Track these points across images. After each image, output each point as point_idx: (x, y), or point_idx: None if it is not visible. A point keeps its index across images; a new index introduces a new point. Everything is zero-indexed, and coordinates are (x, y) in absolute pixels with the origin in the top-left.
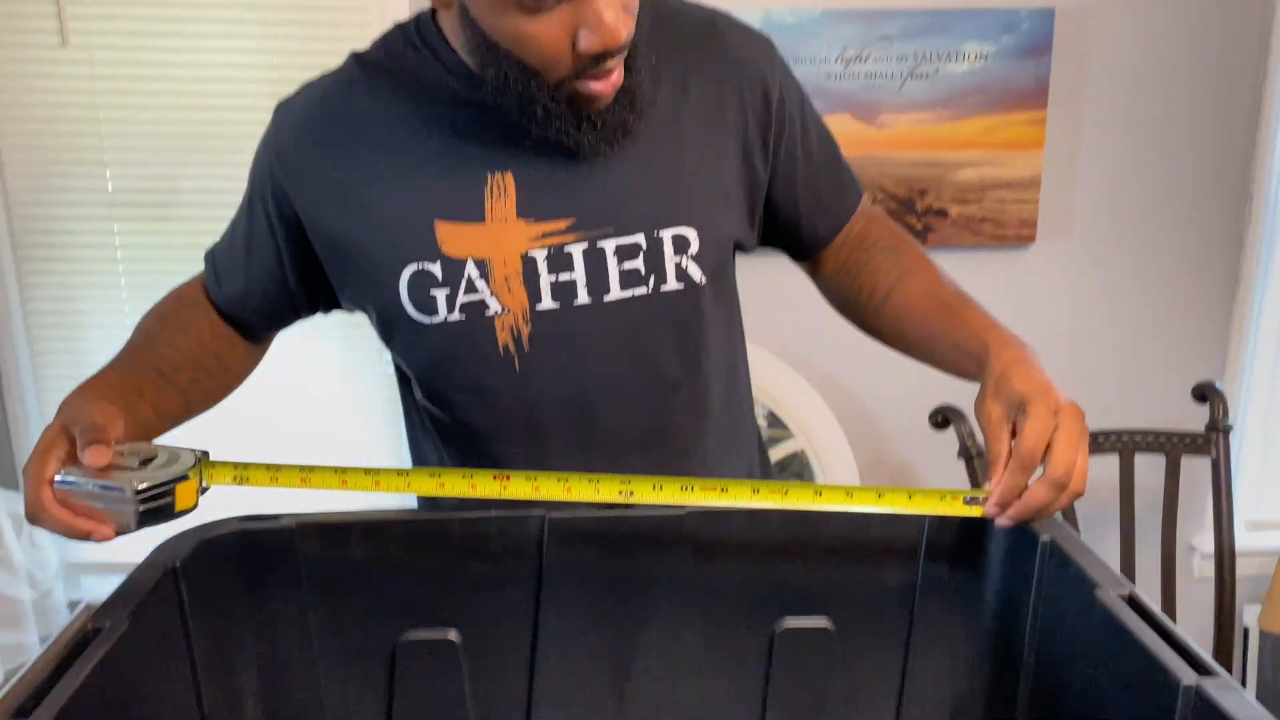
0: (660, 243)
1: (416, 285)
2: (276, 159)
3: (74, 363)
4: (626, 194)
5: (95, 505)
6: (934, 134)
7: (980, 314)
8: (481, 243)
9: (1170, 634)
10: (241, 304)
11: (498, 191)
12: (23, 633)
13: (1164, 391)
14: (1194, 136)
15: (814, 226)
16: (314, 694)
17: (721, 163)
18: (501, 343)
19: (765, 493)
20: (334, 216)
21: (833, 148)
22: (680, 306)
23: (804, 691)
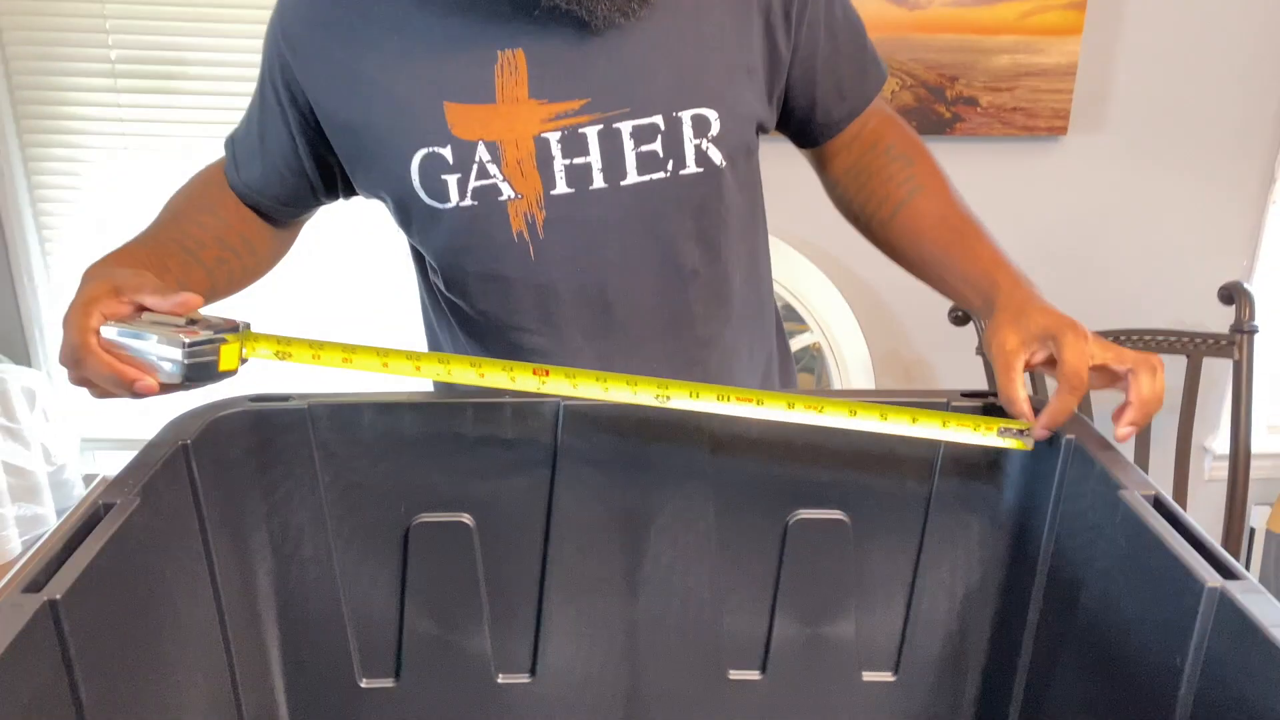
0: (679, 124)
1: (428, 170)
2: (284, 41)
3: (82, 237)
4: (643, 72)
5: (141, 358)
6: (968, 17)
7: (990, 246)
8: (493, 124)
9: (1195, 536)
10: (260, 190)
11: (509, 69)
12: (39, 505)
13: (1190, 291)
14: (1236, 32)
15: (829, 110)
16: (327, 574)
17: (744, 38)
18: (515, 229)
19: (801, 406)
20: (343, 100)
21: (858, 28)
22: (699, 191)
23: (815, 581)
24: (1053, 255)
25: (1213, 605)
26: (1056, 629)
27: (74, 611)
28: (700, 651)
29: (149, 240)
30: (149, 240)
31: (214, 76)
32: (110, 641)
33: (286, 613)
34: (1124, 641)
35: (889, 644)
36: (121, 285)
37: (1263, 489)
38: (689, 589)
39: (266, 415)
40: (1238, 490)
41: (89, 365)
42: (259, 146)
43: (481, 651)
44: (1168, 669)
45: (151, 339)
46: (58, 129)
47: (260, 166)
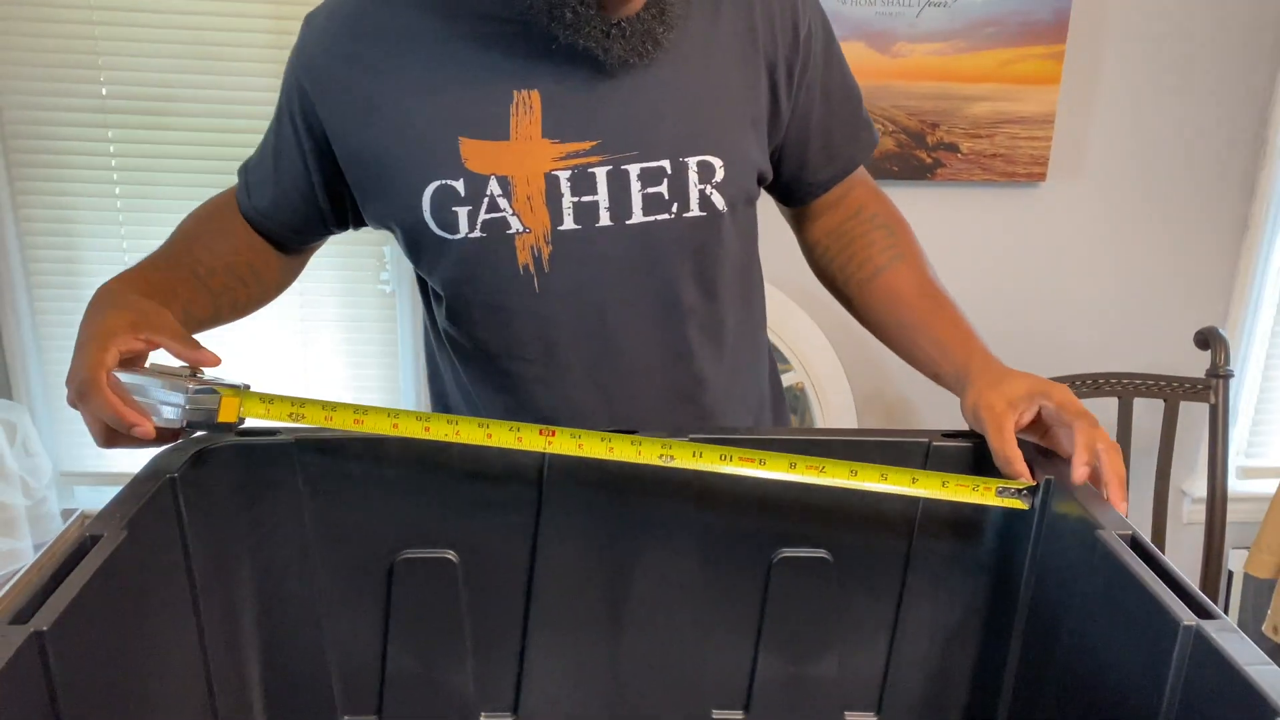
0: (685, 169)
1: (439, 201)
2: (304, 72)
3: (68, 271)
4: (653, 118)
5: (144, 401)
6: (948, 65)
7: (966, 322)
8: (505, 160)
9: (1172, 576)
10: (271, 218)
11: (523, 109)
12: (17, 539)
13: (1166, 336)
14: (1212, 80)
15: (817, 170)
16: (311, 608)
17: (751, 91)
18: (522, 262)
19: (802, 468)
20: (359, 130)
21: (854, 93)
22: (700, 233)
23: (798, 619)
24: (1031, 299)
25: (1189, 644)
26: (1037, 668)
27: (60, 643)
28: (684, 690)
29: (162, 262)
30: (162, 262)
31: (205, 113)
32: (95, 674)
33: (269, 647)
34: (1103, 680)
35: (871, 683)
36: (140, 322)
37: (1240, 532)
38: (673, 627)
39: (253, 450)
40: (1215, 533)
41: (93, 400)
42: (272, 173)
43: (464, 689)
44: (1146, 707)
45: (156, 382)
46: (47, 163)
47: (272, 193)
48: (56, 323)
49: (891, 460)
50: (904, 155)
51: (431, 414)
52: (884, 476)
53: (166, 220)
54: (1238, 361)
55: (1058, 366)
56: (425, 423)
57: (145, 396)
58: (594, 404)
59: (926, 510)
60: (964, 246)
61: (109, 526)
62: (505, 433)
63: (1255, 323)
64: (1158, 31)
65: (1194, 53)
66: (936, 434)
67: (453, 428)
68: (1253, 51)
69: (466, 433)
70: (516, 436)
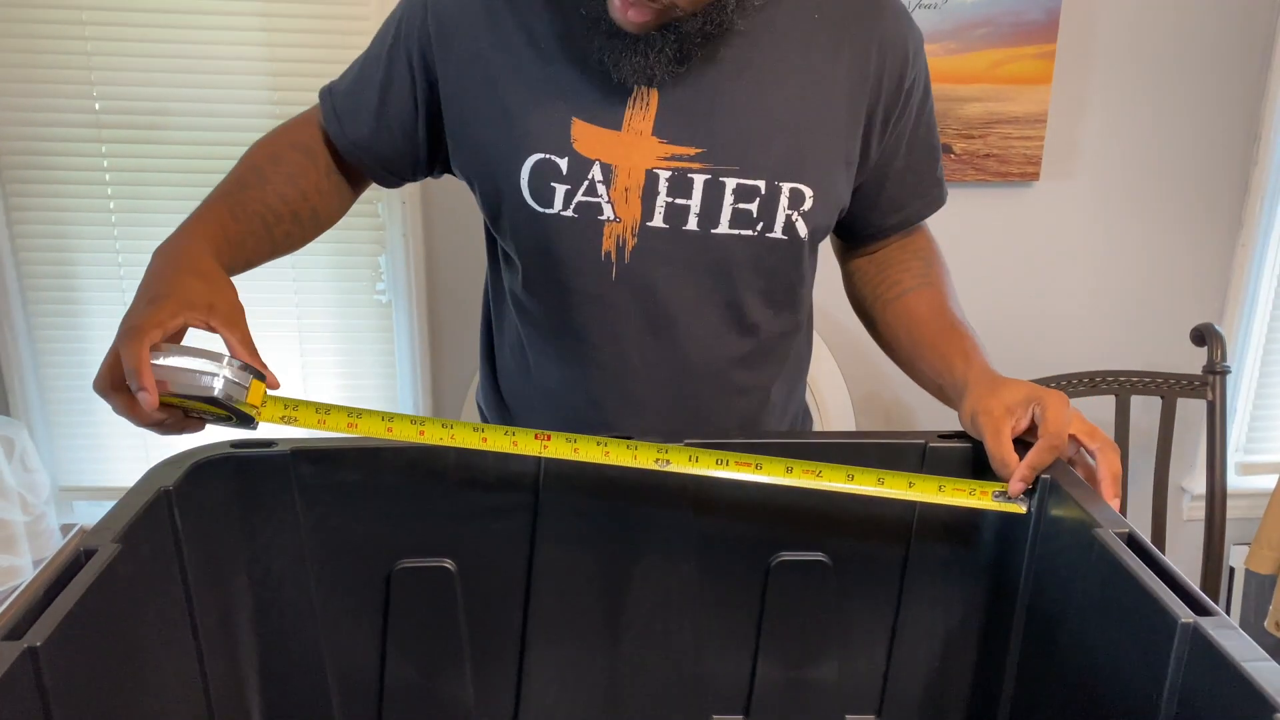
0: (778, 192)
1: (538, 174)
2: (434, 18)
3: (63, 285)
4: (760, 139)
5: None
6: (940, 67)
7: (974, 341)
8: (612, 149)
9: (1168, 573)
10: (368, 149)
11: (640, 104)
12: (15, 555)
13: (1162, 333)
14: (1203, 77)
15: (884, 217)
16: (308, 619)
17: (852, 131)
18: (605, 249)
19: (799, 472)
20: (475, 90)
21: (935, 151)
22: (778, 256)
23: (798, 623)
24: (1027, 298)
25: (1187, 641)
26: (1036, 666)
27: (54, 659)
28: (683, 696)
29: (239, 211)
30: (239, 211)
31: (199, 126)
32: (90, 689)
33: (267, 659)
34: (1102, 678)
35: (872, 685)
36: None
37: (1241, 528)
38: (671, 633)
39: (248, 461)
40: (1215, 529)
41: (130, 345)
42: (375, 106)
43: (463, 697)
44: (1145, 704)
45: (200, 353)
46: (41, 178)
47: (373, 125)
48: (53, 338)
49: (888, 462)
50: None
51: (426, 418)
52: (881, 481)
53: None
54: (1234, 357)
55: (1054, 366)
56: (420, 426)
57: (185, 364)
58: (646, 398)
59: (924, 513)
60: (959, 247)
61: (103, 541)
62: (501, 436)
63: (1251, 318)
64: (1148, 29)
65: (1185, 49)
66: (933, 435)
67: (448, 432)
68: (1244, 47)
69: (461, 437)
70: (512, 441)
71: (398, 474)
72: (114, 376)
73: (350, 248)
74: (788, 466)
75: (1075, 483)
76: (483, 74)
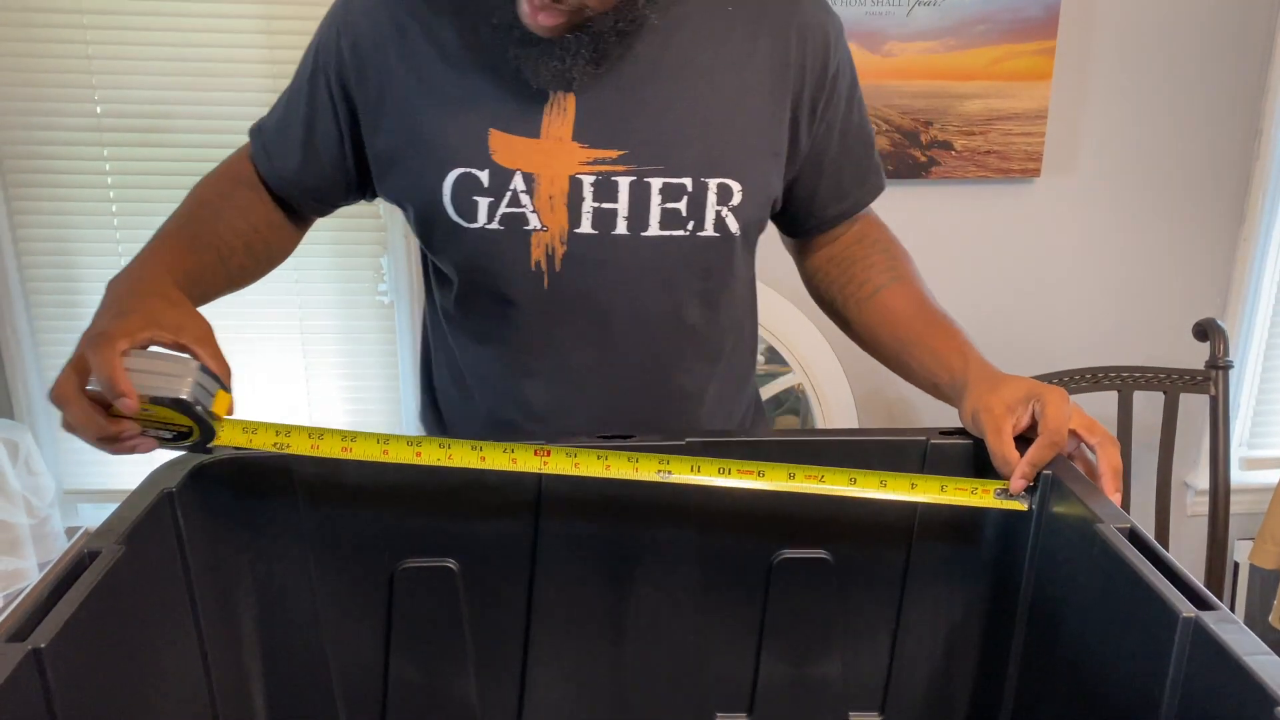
0: (705, 189)
1: (460, 189)
2: (347, 45)
3: (66, 289)
4: (682, 136)
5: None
6: (940, 64)
7: (962, 334)
8: (533, 158)
9: (1170, 567)
10: (296, 181)
11: (557, 110)
12: (21, 558)
13: (1164, 329)
14: (1204, 72)
15: (825, 207)
16: (312, 620)
17: (776, 123)
18: (535, 259)
19: (801, 478)
20: (392, 111)
21: (869, 137)
22: (711, 254)
23: (800, 621)
24: (1029, 294)
25: (1188, 635)
26: (1039, 662)
27: (58, 661)
28: (687, 694)
29: (189, 241)
30: (189, 241)
31: (200, 129)
32: (94, 691)
33: (271, 660)
34: (1105, 673)
35: (875, 682)
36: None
37: (1244, 523)
38: (674, 631)
39: (251, 462)
40: (1219, 525)
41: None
42: (302, 137)
43: (467, 698)
44: (1147, 699)
45: (165, 356)
46: (43, 182)
47: (300, 157)
48: (56, 341)
49: (890, 459)
50: (898, 154)
51: (423, 438)
52: (883, 484)
53: None
54: (1237, 352)
55: (1056, 362)
56: (416, 448)
57: (155, 366)
58: (587, 405)
59: (926, 510)
60: (961, 243)
61: (106, 542)
62: (499, 454)
63: (1254, 313)
64: (1148, 24)
65: (1185, 44)
66: (934, 432)
67: (445, 452)
68: (1244, 41)
69: (459, 456)
70: (511, 458)
71: (399, 474)
72: (77, 383)
73: (352, 249)
74: (790, 473)
75: (1077, 478)
76: (398, 95)
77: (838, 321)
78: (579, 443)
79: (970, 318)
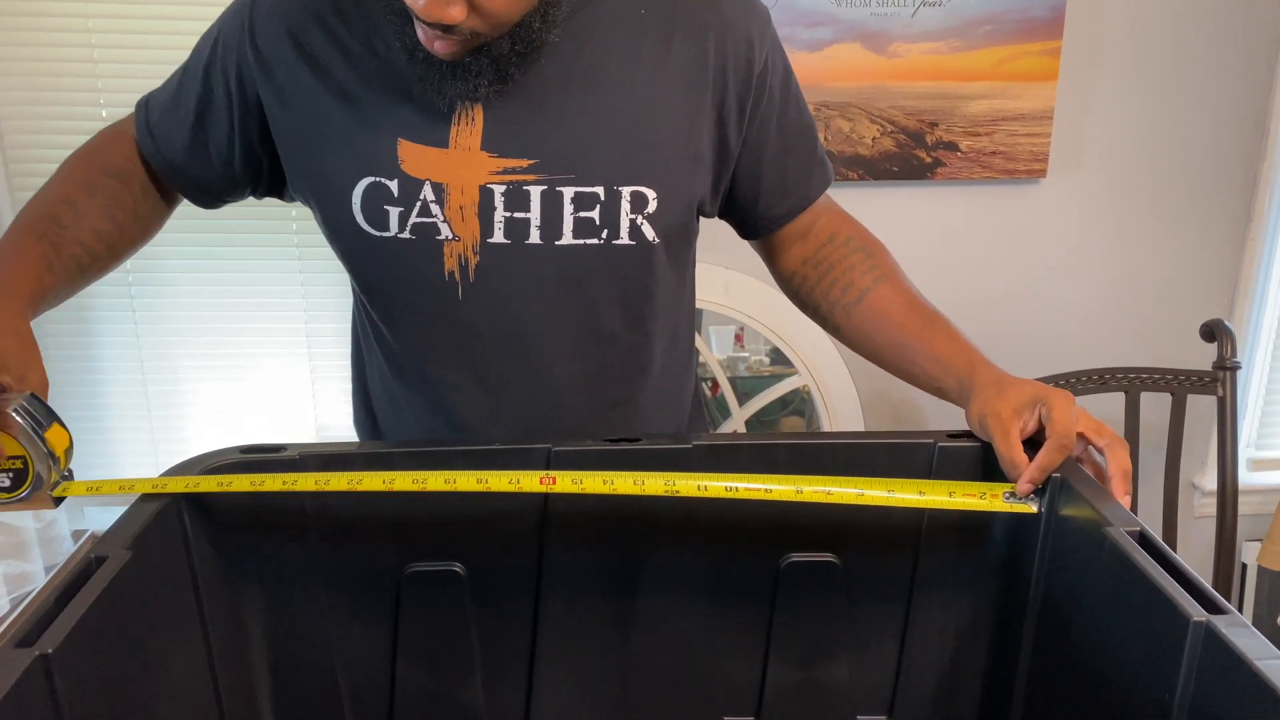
0: (618, 197)
1: (370, 198)
2: (251, 44)
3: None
4: (592, 144)
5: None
6: (945, 64)
7: (959, 334)
8: (442, 168)
9: (1180, 571)
10: (180, 170)
11: (465, 120)
12: (27, 561)
13: (1172, 330)
14: (1211, 71)
15: (771, 205)
16: (319, 624)
17: (695, 124)
18: (448, 269)
19: (809, 492)
20: (301, 117)
21: (809, 129)
22: (628, 262)
23: (808, 624)
24: (1035, 296)
25: (1199, 640)
26: (1048, 666)
27: (66, 666)
28: (694, 698)
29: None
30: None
31: None
32: (102, 696)
33: (278, 664)
34: (1114, 678)
35: (883, 685)
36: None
37: (1252, 525)
38: (681, 635)
39: (258, 466)
40: (1227, 526)
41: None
42: (191, 128)
43: (474, 701)
44: (1157, 704)
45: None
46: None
47: (188, 144)
48: (61, 344)
49: (898, 461)
50: (904, 155)
51: (428, 473)
52: (890, 492)
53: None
54: (1245, 353)
55: (1063, 363)
56: (422, 484)
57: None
58: (514, 419)
59: (934, 512)
60: (967, 245)
61: (113, 547)
62: (503, 483)
63: (1261, 314)
64: (1154, 23)
65: (1192, 43)
66: (942, 434)
67: (450, 484)
68: (1251, 40)
69: (463, 483)
70: (515, 487)
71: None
72: None
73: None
74: (798, 487)
75: (1086, 481)
76: (307, 101)
77: (826, 327)
78: (584, 445)
79: (976, 319)
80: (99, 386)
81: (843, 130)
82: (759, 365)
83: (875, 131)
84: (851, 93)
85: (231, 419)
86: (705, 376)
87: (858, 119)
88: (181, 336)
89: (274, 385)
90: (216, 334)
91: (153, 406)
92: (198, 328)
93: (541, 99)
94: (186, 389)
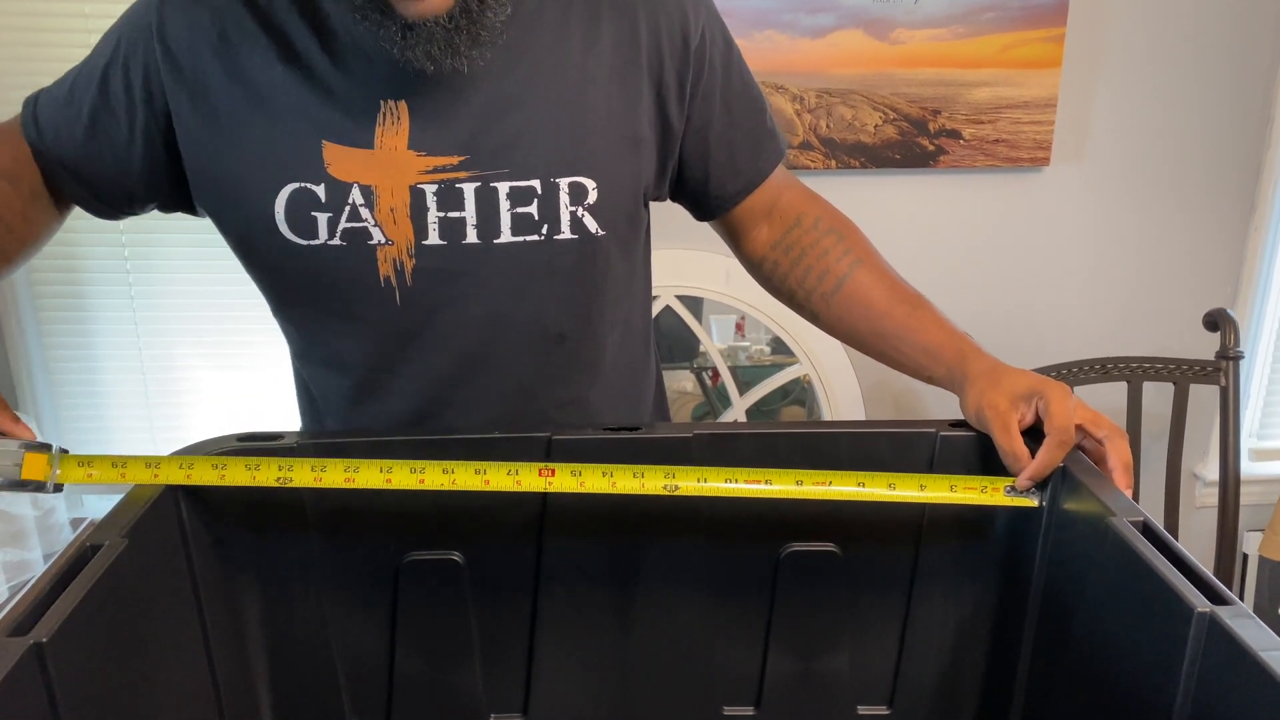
0: (556, 190)
1: (295, 205)
2: (160, 47)
3: (71, 280)
4: (524, 136)
5: None
6: (948, 51)
7: (944, 318)
8: (370, 170)
9: (1184, 561)
10: (71, 171)
11: (390, 119)
12: (26, 549)
13: (1174, 319)
14: (1215, 59)
15: (723, 183)
16: (317, 613)
17: (633, 106)
18: (383, 274)
19: (809, 485)
20: (214, 124)
21: (757, 102)
22: (572, 257)
23: (808, 614)
24: (1038, 284)
25: (1203, 630)
26: (1051, 657)
27: (60, 654)
28: (694, 687)
29: None
30: None
31: None
32: (97, 684)
33: (276, 653)
34: (1117, 668)
35: (883, 676)
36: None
37: (1255, 515)
38: (681, 624)
39: (256, 454)
40: (1229, 516)
41: None
42: (87, 126)
43: (473, 690)
44: (1161, 695)
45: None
46: None
47: (80, 144)
48: (60, 333)
49: (900, 451)
50: (906, 143)
51: (426, 463)
52: (891, 486)
53: (168, 231)
54: (1247, 343)
55: (1065, 352)
56: (420, 475)
57: None
58: (456, 418)
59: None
60: (969, 233)
61: (109, 535)
62: (503, 475)
63: (1264, 303)
64: (1159, 10)
65: (1196, 31)
66: (944, 424)
67: (449, 477)
68: (1255, 28)
69: (463, 480)
70: (515, 480)
71: None
72: None
73: None
74: (798, 480)
75: (1088, 471)
76: (222, 107)
77: (802, 314)
78: (583, 434)
79: (978, 307)
80: (97, 376)
81: (845, 118)
82: (760, 355)
83: (877, 119)
84: (854, 80)
85: (230, 407)
86: (706, 366)
87: (860, 106)
88: (180, 325)
89: (272, 374)
90: (214, 323)
91: (151, 395)
92: (196, 316)
93: (467, 93)
94: (185, 378)
